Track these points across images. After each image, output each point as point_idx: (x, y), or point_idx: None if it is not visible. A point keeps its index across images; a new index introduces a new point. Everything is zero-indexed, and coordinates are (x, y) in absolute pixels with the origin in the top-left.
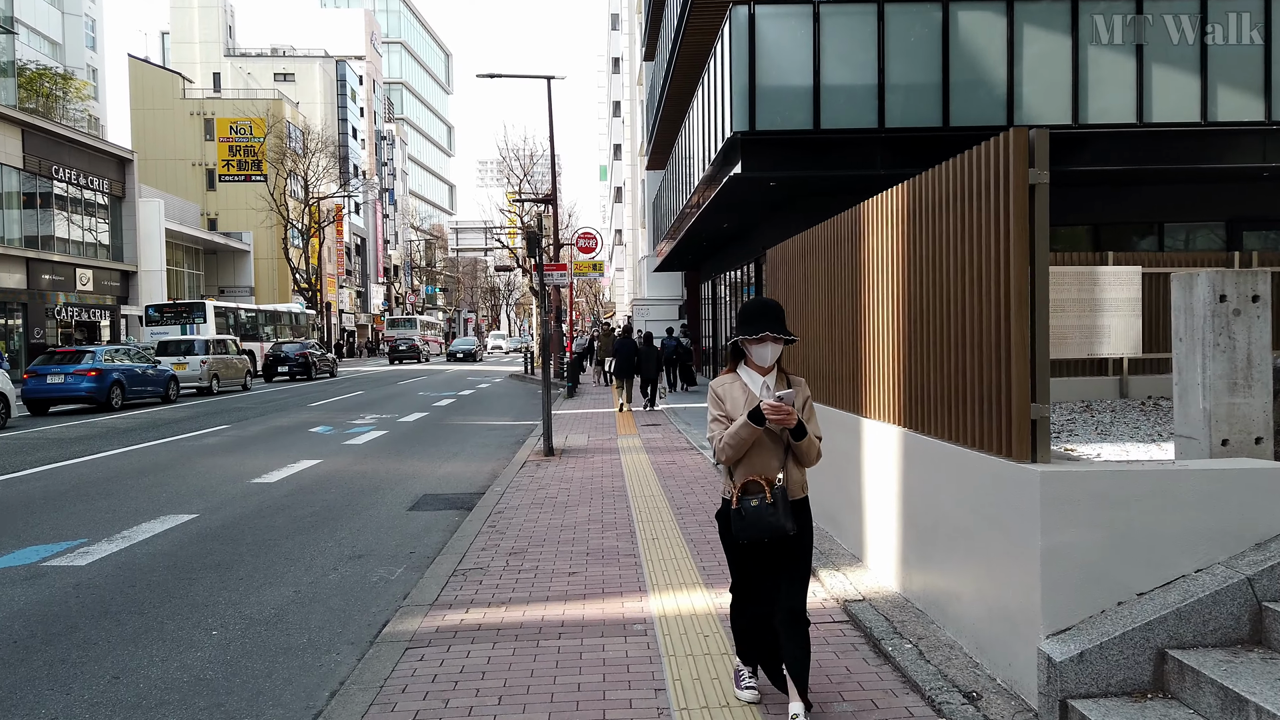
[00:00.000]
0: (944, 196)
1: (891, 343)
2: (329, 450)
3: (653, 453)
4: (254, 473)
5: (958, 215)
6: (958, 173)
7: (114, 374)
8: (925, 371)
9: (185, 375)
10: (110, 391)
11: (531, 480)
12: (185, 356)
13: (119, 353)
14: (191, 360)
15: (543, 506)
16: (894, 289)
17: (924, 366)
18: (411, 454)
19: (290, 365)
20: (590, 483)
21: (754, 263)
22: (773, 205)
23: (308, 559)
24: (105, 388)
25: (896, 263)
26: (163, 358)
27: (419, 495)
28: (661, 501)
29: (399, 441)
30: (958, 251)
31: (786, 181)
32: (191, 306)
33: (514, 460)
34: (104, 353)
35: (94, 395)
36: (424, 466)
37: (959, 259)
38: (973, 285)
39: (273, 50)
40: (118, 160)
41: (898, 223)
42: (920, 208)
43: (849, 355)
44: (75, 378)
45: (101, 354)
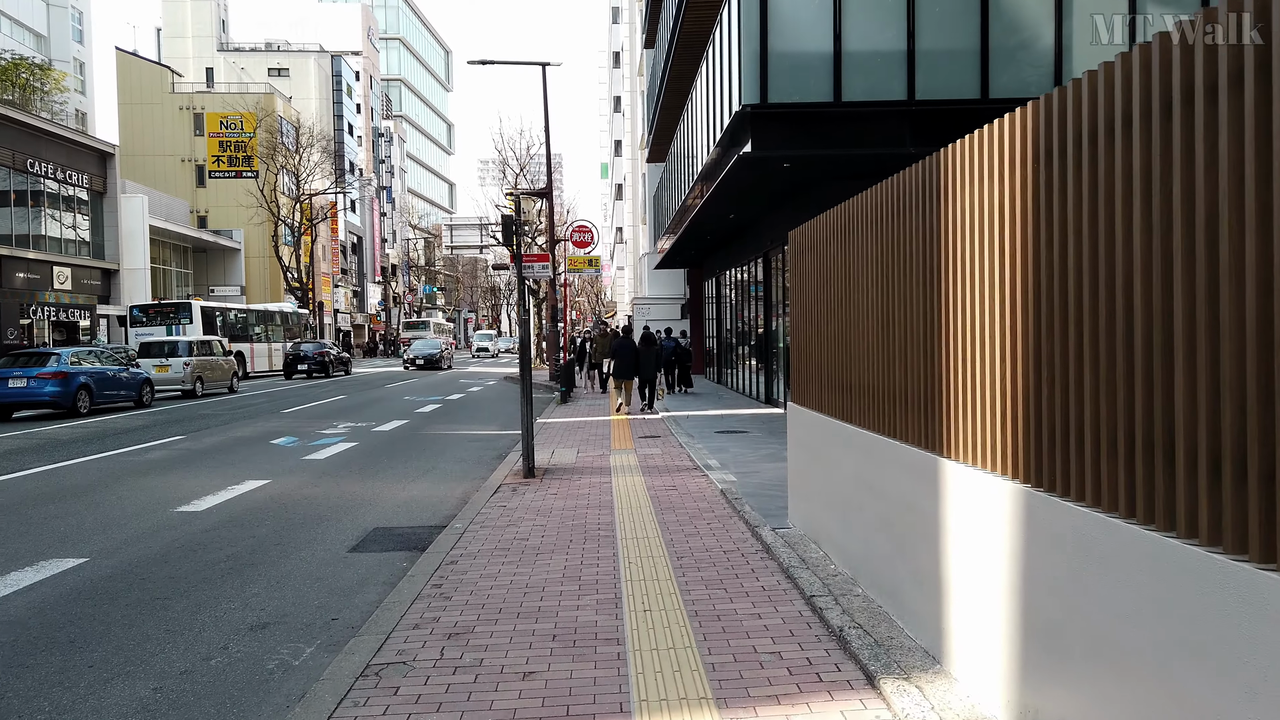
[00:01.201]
0: (1121, 115)
1: (1006, 351)
2: (284, 467)
3: (650, 474)
4: (185, 497)
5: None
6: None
7: (81, 377)
8: (1073, 400)
9: (168, 378)
10: (76, 396)
11: (502, 512)
12: (168, 359)
13: (88, 354)
14: (174, 362)
15: (508, 553)
16: (1010, 269)
17: (1070, 392)
18: (376, 472)
19: (309, 364)
20: (572, 517)
21: (762, 258)
22: (784, 192)
23: (196, 630)
24: (71, 392)
25: (1017, 228)
26: (144, 360)
27: (368, 530)
28: (657, 546)
29: (367, 455)
30: (1163, 193)
31: (801, 162)
32: (178, 307)
33: (488, 482)
34: (70, 354)
35: (59, 400)
36: (386, 489)
37: (1159, 208)
38: (1201, 254)
39: (267, 45)
40: (99, 154)
41: (1018, 167)
42: (1067, 138)
43: (918, 367)
44: (38, 381)
45: (68, 356)
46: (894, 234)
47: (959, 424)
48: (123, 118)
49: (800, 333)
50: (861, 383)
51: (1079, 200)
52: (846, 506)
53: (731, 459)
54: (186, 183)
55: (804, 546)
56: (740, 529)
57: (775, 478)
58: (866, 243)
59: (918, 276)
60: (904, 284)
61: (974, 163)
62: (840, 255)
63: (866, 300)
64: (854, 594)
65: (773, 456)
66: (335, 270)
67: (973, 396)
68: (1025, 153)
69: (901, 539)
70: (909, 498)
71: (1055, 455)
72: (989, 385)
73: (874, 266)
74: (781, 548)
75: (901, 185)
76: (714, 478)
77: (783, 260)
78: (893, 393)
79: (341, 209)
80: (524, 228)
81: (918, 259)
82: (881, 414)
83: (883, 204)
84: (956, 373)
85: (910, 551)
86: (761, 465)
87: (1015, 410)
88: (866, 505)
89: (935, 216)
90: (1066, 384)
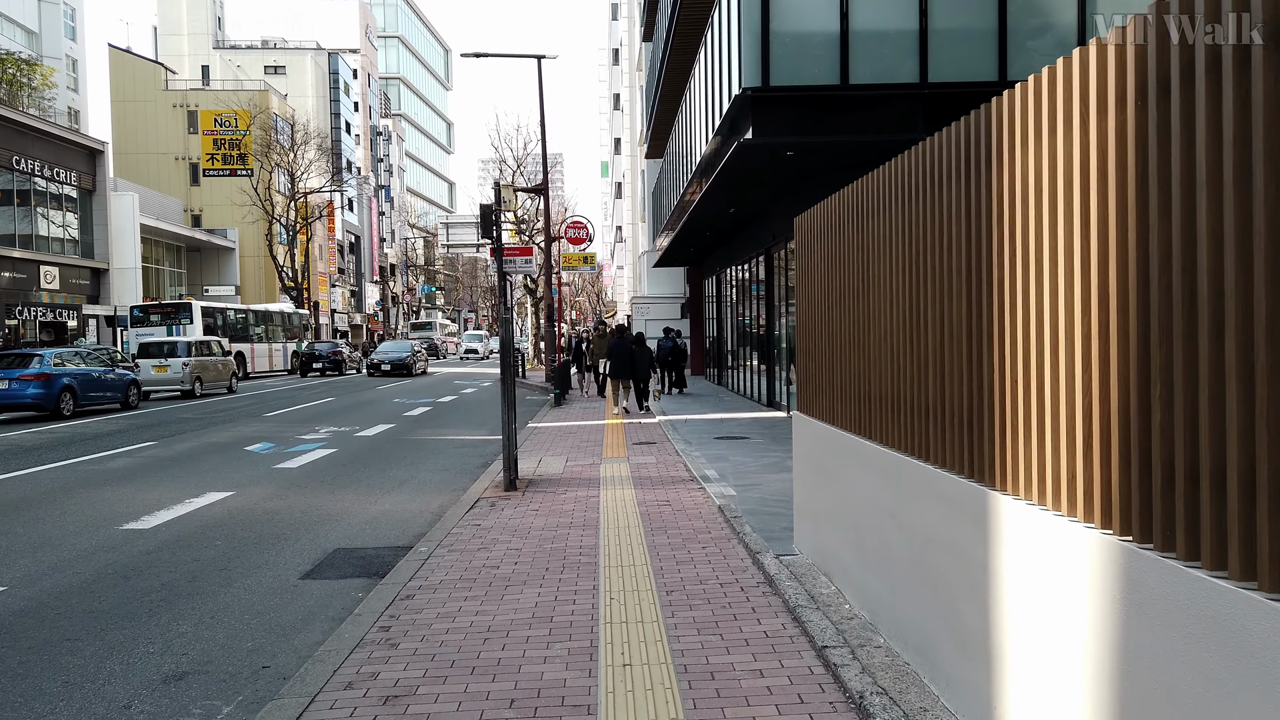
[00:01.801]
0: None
1: (1092, 356)
2: (252, 476)
3: (642, 486)
4: (135, 513)
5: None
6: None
7: (64, 379)
8: (1207, 428)
9: (166, 378)
10: (60, 398)
11: (475, 533)
12: (167, 359)
13: (72, 356)
14: (173, 363)
15: (473, 585)
16: (1099, 247)
17: (1203, 417)
18: (350, 482)
19: (323, 362)
20: (551, 539)
21: (763, 254)
22: (787, 183)
23: (99, 682)
24: (54, 394)
25: (1111, 191)
26: (143, 360)
27: (328, 551)
28: (644, 576)
29: (344, 464)
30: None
31: (806, 149)
32: (178, 307)
33: (466, 495)
34: (53, 356)
35: (41, 403)
36: (356, 502)
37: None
38: None
39: (263, 43)
40: (88, 151)
41: (1111, 109)
42: (1197, 60)
43: (959, 375)
44: (20, 384)
45: (50, 357)
46: (926, 211)
47: (1018, 449)
48: (115, 115)
49: (809, 333)
50: (885, 392)
51: (1216, 143)
52: (864, 536)
53: (731, 469)
54: (180, 181)
55: (813, 579)
56: (740, 555)
57: (779, 491)
58: (891, 224)
59: (960, 262)
60: (941, 272)
61: (1040, 112)
62: (858, 240)
63: (891, 293)
64: (874, 645)
65: (776, 466)
66: (332, 270)
67: (1039, 415)
68: (1123, 88)
69: (936, 585)
70: (947, 535)
71: (1175, 502)
72: (1063, 401)
73: (901, 252)
74: (787, 581)
75: (934, 153)
76: (712, 491)
77: (785, 256)
78: (926, 406)
79: (339, 207)
80: (506, 217)
81: (960, 240)
82: (911, 431)
83: (910, 177)
84: (1015, 383)
85: (949, 602)
86: (764, 476)
87: (1105, 436)
88: (890, 538)
89: (983, 186)
90: (1195, 404)
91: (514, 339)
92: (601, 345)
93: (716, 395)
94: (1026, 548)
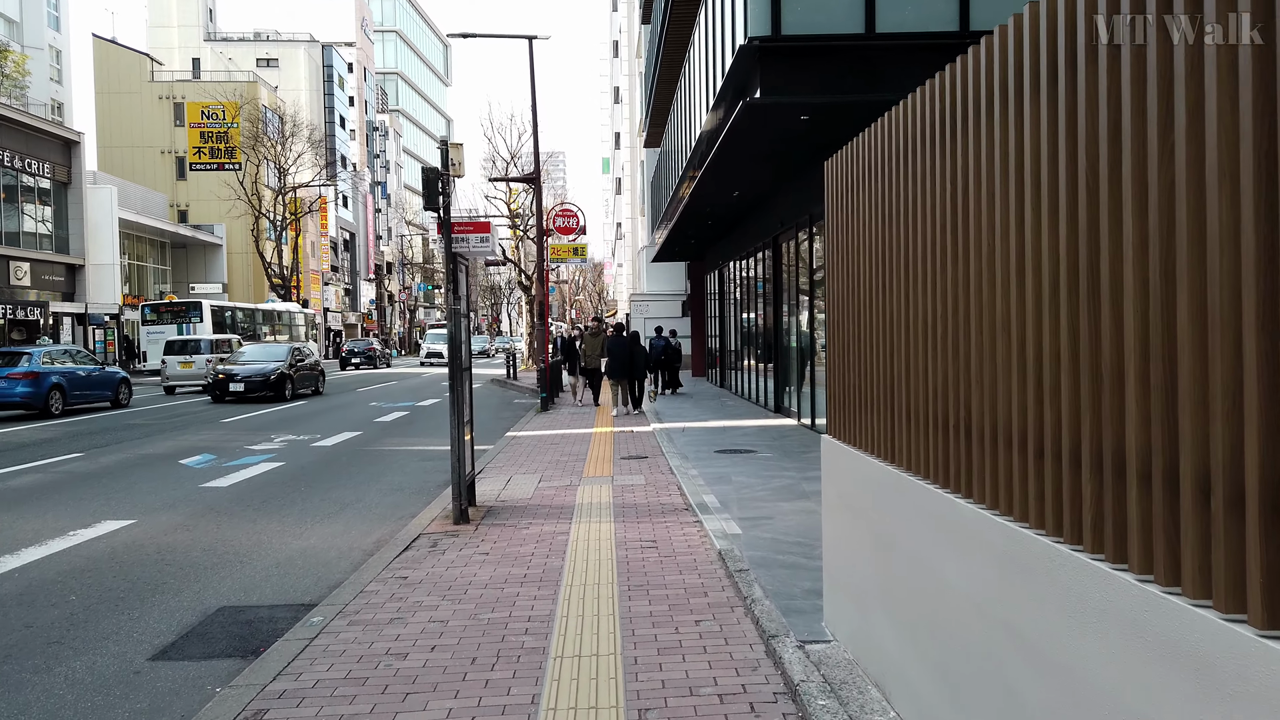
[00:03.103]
0: None
1: None
2: (168, 499)
3: (625, 518)
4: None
5: None
6: None
7: (53, 377)
8: None
9: (191, 374)
10: (49, 397)
11: (396, 591)
12: (191, 355)
13: (61, 354)
14: (197, 359)
15: (362, 687)
16: None
17: None
18: (282, 506)
19: (359, 357)
20: (492, 605)
21: (770, 244)
22: (799, 158)
23: None
24: (43, 393)
25: None
26: (169, 356)
27: (209, 611)
28: (609, 678)
29: (285, 481)
30: None
31: (823, 113)
32: (188, 306)
33: (408, 529)
34: (42, 354)
35: (30, 401)
36: (278, 534)
37: None
38: None
39: (255, 35)
40: (63, 142)
41: None
42: None
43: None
44: (9, 382)
45: (39, 356)
46: (1053, 135)
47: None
48: (99, 107)
49: (844, 325)
50: (980, 419)
51: None
52: (951, 651)
53: (734, 494)
54: (166, 175)
55: (858, 694)
56: (748, 636)
57: (795, 528)
58: (995, 145)
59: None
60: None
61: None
62: (929, 179)
63: (998, 257)
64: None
65: (790, 491)
66: (325, 267)
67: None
68: None
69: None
70: (1146, 701)
71: None
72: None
73: (1027, 187)
74: (818, 696)
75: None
76: (711, 527)
77: (795, 245)
78: (1071, 450)
79: (332, 202)
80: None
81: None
82: (1037, 491)
83: (1032, 65)
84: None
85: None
86: (775, 506)
87: None
88: (1009, 669)
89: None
90: None
91: (466, 336)
92: (595, 344)
93: (718, 399)
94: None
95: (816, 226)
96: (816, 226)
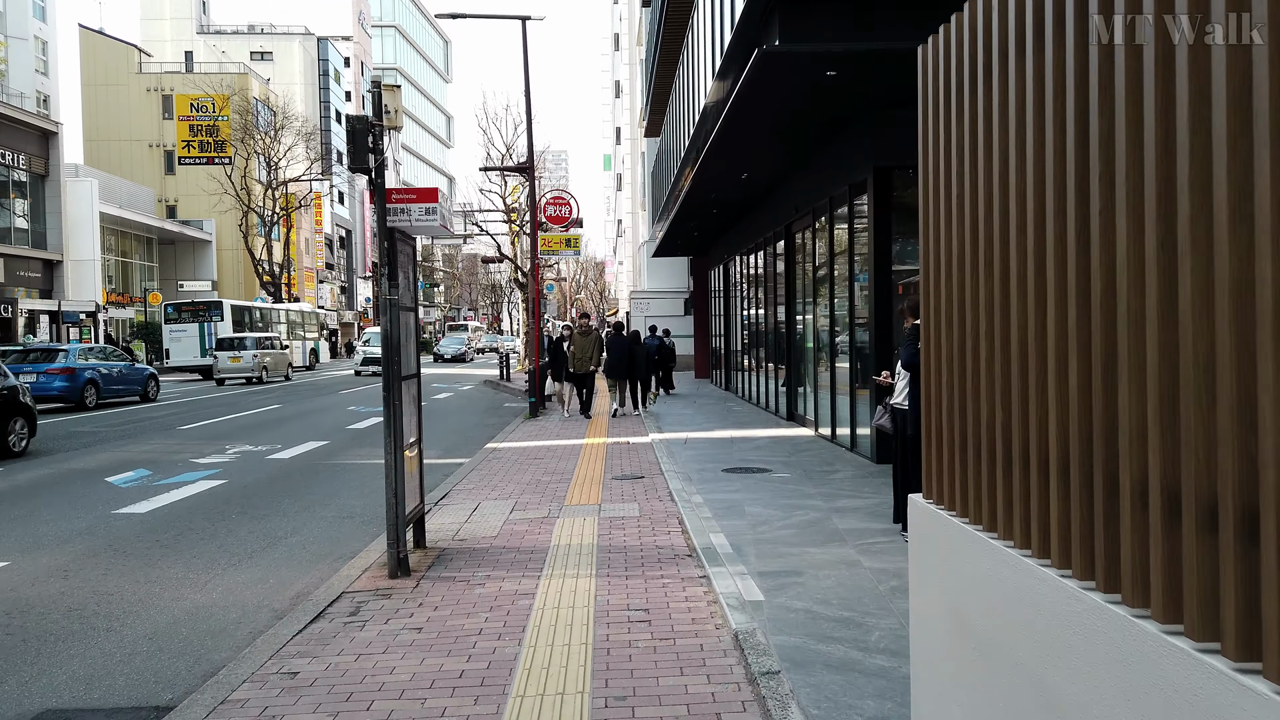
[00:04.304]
0: None
1: None
2: (67, 531)
3: (612, 570)
4: None
5: None
6: None
7: (87, 373)
8: None
9: (239, 367)
10: (84, 391)
11: (276, 701)
12: (239, 351)
13: (92, 352)
14: (244, 355)
15: None
16: None
17: None
18: (199, 541)
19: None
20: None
21: (783, 233)
22: (821, 128)
23: None
24: (79, 387)
25: None
26: (220, 352)
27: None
28: None
29: (217, 506)
30: None
31: (854, 66)
32: (209, 305)
33: (330, 583)
34: (78, 351)
35: (67, 395)
36: (176, 583)
37: None
38: None
39: (249, 28)
40: (40, 133)
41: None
42: None
43: None
44: (47, 377)
45: (75, 353)
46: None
47: None
48: (86, 99)
49: (952, 318)
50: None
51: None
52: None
53: (749, 532)
54: (154, 170)
55: None
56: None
57: (837, 592)
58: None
59: None
60: None
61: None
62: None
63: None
64: None
65: (819, 530)
66: (320, 265)
67: None
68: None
69: None
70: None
71: None
72: None
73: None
74: None
75: None
76: (722, 588)
77: (813, 232)
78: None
79: (326, 198)
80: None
81: None
82: None
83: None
84: None
85: None
86: (804, 554)
87: None
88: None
89: None
90: None
91: (415, 333)
92: (585, 345)
93: (723, 403)
94: None
95: (838, 210)
96: (838, 210)
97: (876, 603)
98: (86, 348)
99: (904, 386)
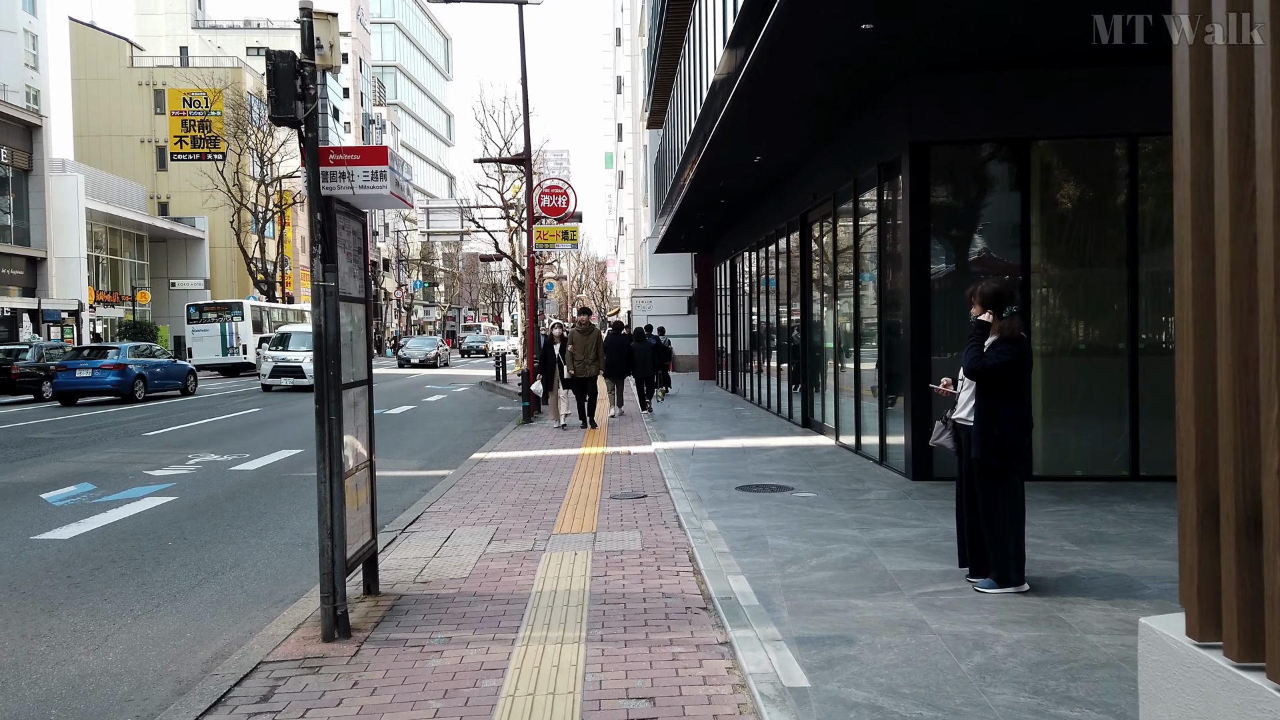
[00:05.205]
0: None
1: None
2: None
3: (607, 629)
4: None
5: None
6: None
7: (136, 368)
8: None
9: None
10: (134, 384)
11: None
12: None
13: (139, 350)
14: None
15: None
16: None
17: None
18: (120, 576)
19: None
20: None
21: (799, 222)
22: (847, 103)
23: None
24: (129, 381)
25: None
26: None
27: None
28: None
29: (157, 529)
30: None
31: (897, 16)
32: (230, 306)
33: (249, 647)
34: (128, 349)
35: (119, 388)
36: (71, 637)
37: None
38: None
39: (245, 22)
40: (24, 126)
41: None
42: None
43: None
44: (101, 372)
45: (126, 350)
46: None
47: None
48: (76, 94)
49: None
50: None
51: None
52: None
53: (777, 573)
54: (146, 166)
55: None
56: None
57: (905, 670)
58: None
59: None
60: None
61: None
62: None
63: None
64: None
65: (861, 570)
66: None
67: None
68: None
69: None
70: None
71: None
72: None
73: None
74: None
75: None
76: (750, 664)
77: (834, 220)
78: None
79: None
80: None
81: None
82: None
83: None
84: None
85: None
86: (850, 607)
87: None
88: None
89: None
90: None
91: (352, 331)
92: (585, 345)
93: (731, 407)
94: None
95: (864, 195)
96: (864, 195)
97: (962, 692)
98: (133, 345)
99: (968, 399)
